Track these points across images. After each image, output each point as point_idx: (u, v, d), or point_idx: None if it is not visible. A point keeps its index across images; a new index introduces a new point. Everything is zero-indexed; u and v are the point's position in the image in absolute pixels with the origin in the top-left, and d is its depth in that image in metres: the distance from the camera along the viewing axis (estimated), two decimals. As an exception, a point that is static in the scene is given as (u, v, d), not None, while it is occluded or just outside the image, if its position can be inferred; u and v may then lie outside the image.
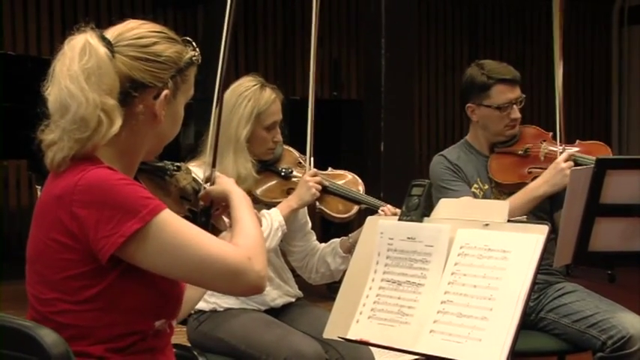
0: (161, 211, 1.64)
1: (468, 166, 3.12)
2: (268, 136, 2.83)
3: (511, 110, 3.07)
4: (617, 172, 2.31)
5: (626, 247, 2.39)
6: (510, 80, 3.07)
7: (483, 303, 1.84)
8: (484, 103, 3.08)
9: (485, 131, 3.13)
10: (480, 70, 3.10)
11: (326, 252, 2.91)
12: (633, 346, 2.72)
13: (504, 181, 3.05)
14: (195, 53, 1.79)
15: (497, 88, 3.06)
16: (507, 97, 3.06)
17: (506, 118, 3.07)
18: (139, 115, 1.71)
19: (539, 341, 2.98)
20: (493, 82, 3.06)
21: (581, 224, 2.32)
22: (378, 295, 2.01)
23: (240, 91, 2.81)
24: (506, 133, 3.10)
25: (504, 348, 1.78)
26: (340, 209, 2.87)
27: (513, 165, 3.07)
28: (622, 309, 2.85)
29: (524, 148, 3.08)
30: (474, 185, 3.09)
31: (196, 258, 1.65)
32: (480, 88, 3.08)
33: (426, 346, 1.87)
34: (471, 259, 1.91)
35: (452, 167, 3.10)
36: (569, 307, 2.94)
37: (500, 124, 3.09)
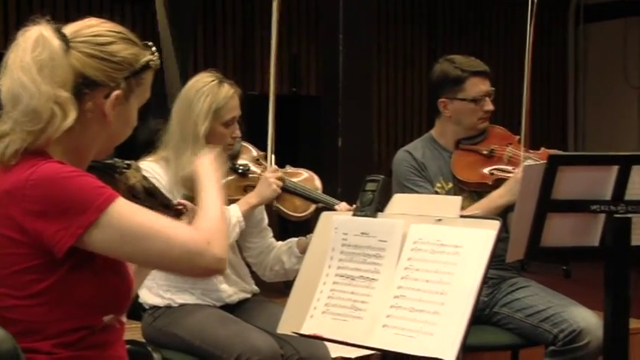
0: (115, 199, 1.65)
1: (432, 163, 3.13)
2: (227, 131, 2.82)
3: (484, 102, 3.11)
4: (569, 169, 2.34)
5: (577, 242, 2.42)
6: (483, 72, 3.13)
7: (435, 297, 1.86)
8: (458, 96, 3.10)
9: (458, 126, 3.14)
10: (452, 64, 3.13)
11: (282, 250, 2.91)
12: (583, 339, 2.76)
13: (465, 179, 3.06)
14: (153, 57, 1.79)
15: (472, 81, 3.10)
16: (481, 90, 3.10)
17: (480, 110, 3.10)
18: (88, 112, 1.71)
19: (493, 336, 3.01)
20: (467, 75, 3.10)
21: (534, 220, 2.34)
22: (332, 290, 2.02)
23: (198, 87, 2.80)
24: (478, 126, 3.13)
25: (455, 342, 1.80)
26: (297, 208, 2.87)
27: (476, 164, 3.09)
28: (574, 303, 2.89)
29: (490, 148, 3.10)
30: (437, 184, 3.10)
31: (154, 242, 1.66)
32: (454, 82, 3.11)
33: (379, 340, 1.89)
34: (423, 254, 1.93)
35: (417, 166, 3.11)
36: (522, 302, 2.97)
37: (474, 117, 3.11)
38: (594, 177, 2.36)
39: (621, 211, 2.34)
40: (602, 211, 2.36)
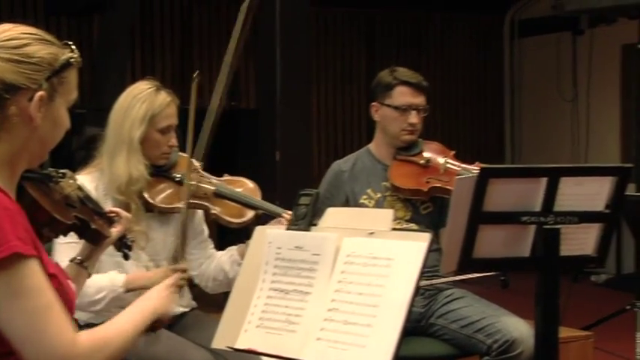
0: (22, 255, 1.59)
1: (362, 175, 3.16)
2: (163, 139, 2.80)
3: (409, 115, 3.13)
4: (499, 181, 2.37)
5: (508, 253, 2.45)
6: (414, 85, 3.17)
7: (368, 310, 1.88)
8: (386, 102, 3.17)
9: (385, 135, 3.19)
10: (390, 72, 3.21)
11: (223, 260, 2.90)
12: (517, 349, 2.81)
13: (403, 186, 3.10)
14: (73, 55, 1.76)
15: (399, 90, 3.15)
16: (407, 100, 3.14)
17: (404, 121, 3.13)
18: (13, 117, 1.67)
19: (429, 347, 3.05)
20: (396, 83, 3.16)
21: (466, 232, 2.37)
22: (266, 304, 2.02)
23: (135, 94, 2.78)
24: (402, 137, 3.15)
25: (387, 354, 1.81)
26: (234, 214, 2.86)
27: (413, 173, 3.14)
28: (507, 313, 2.93)
29: (426, 159, 3.15)
30: (363, 196, 3.13)
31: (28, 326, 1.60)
32: (385, 88, 3.18)
33: (312, 353, 1.89)
34: (356, 267, 1.95)
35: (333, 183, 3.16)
36: (457, 313, 3.01)
37: (397, 127, 3.15)
38: (524, 189, 2.39)
39: (550, 222, 2.38)
40: (533, 223, 2.39)
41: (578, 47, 8.23)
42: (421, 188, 3.07)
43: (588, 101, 8.20)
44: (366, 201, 3.12)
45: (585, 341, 3.87)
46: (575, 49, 8.26)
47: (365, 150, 3.27)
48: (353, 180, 3.17)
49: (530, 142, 8.93)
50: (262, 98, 5.27)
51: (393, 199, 3.12)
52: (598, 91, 8.09)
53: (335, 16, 8.32)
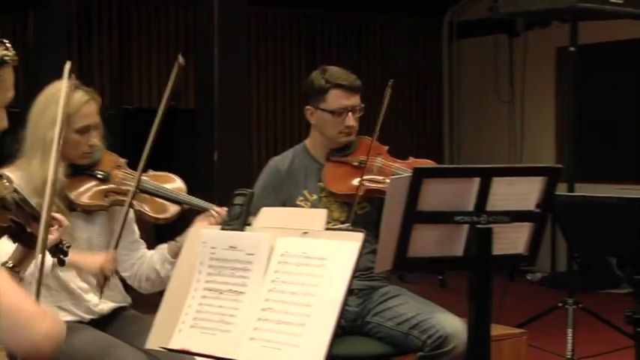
0: None
1: (299, 174, 3.16)
2: (81, 139, 2.75)
3: (346, 117, 3.10)
4: (433, 181, 2.40)
5: (442, 252, 2.49)
6: (347, 87, 3.11)
7: (301, 310, 1.89)
8: (320, 106, 3.12)
9: (322, 136, 3.17)
10: (322, 74, 3.14)
11: (154, 259, 2.88)
12: (450, 345, 2.84)
13: (337, 191, 3.10)
14: (7, 53, 1.73)
15: (333, 93, 3.10)
16: (342, 103, 3.10)
17: (341, 124, 3.10)
18: None
19: (366, 345, 3.06)
20: (330, 87, 3.10)
21: (400, 231, 2.40)
22: (200, 304, 2.02)
23: (51, 93, 2.71)
24: (340, 139, 3.13)
25: (320, 353, 1.83)
26: (160, 210, 2.84)
27: (347, 175, 3.11)
28: (441, 310, 2.97)
29: (359, 160, 3.12)
30: (299, 198, 3.13)
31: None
32: (318, 92, 3.12)
33: (246, 353, 1.90)
34: (290, 267, 1.96)
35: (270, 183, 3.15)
36: (393, 311, 3.03)
37: (334, 130, 3.12)
38: (457, 189, 2.43)
39: (483, 222, 2.42)
40: (466, 222, 2.43)
41: (514, 49, 8.35)
42: (354, 192, 3.04)
43: (525, 102, 8.32)
44: (302, 202, 3.13)
45: (519, 338, 3.93)
46: (511, 51, 8.38)
47: (302, 147, 3.25)
48: (290, 180, 3.17)
49: (469, 142, 9.04)
50: (200, 98, 5.25)
51: (329, 200, 3.12)
52: (534, 92, 8.22)
53: (275, 16, 8.32)
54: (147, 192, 2.81)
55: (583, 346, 4.44)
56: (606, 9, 4.42)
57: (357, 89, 3.15)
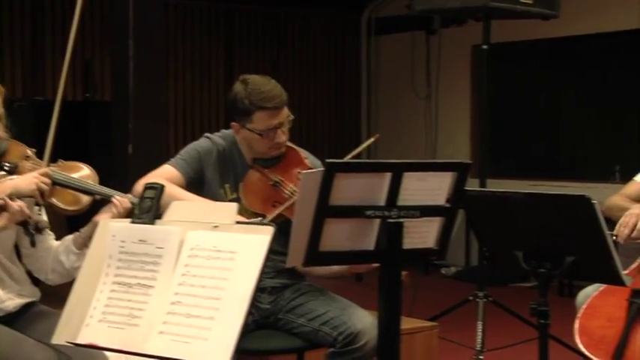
0: None
1: (229, 165, 3.11)
2: None
3: (275, 134, 3.02)
4: (345, 175, 2.41)
5: (354, 247, 2.50)
6: (272, 108, 2.99)
7: (211, 303, 1.89)
8: (247, 126, 3.02)
9: (250, 149, 3.09)
10: (244, 90, 3.00)
11: (59, 251, 2.82)
12: (361, 341, 2.87)
13: (249, 207, 3.02)
14: None
15: (259, 115, 2.99)
16: (270, 124, 3.00)
17: (271, 140, 3.03)
18: None
19: (279, 341, 3.07)
20: (255, 109, 2.98)
21: (312, 225, 2.40)
22: (109, 298, 2.01)
23: None
24: (271, 153, 3.07)
25: (229, 346, 1.83)
26: (70, 201, 2.79)
27: (262, 193, 3.04)
28: (352, 306, 3.00)
29: (275, 180, 3.04)
30: (220, 190, 3.09)
31: None
32: (242, 112, 3.01)
33: (155, 347, 1.89)
34: (200, 261, 1.96)
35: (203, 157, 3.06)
36: (304, 307, 3.04)
37: (264, 147, 3.05)
38: (369, 184, 2.45)
39: (394, 216, 2.44)
40: (377, 217, 2.45)
41: (431, 46, 8.46)
42: (265, 213, 2.97)
43: (441, 99, 8.45)
44: (222, 195, 3.09)
45: (430, 331, 4.00)
46: (428, 48, 8.49)
47: (233, 137, 3.14)
48: (220, 165, 3.09)
49: (386, 138, 9.12)
50: (115, 90, 5.18)
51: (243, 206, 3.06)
52: (450, 89, 8.35)
53: (193, 9, 8.25)
54: (56, 183, 2.76)
55: (492, 338, 4.54)
56: (517, 8, 4.53)
57: (283, 104, 3.02)
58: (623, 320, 2.93)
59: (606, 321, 2.99)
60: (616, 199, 3.44)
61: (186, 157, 3.09)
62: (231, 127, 3.10)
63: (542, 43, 7.57)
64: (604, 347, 2.94)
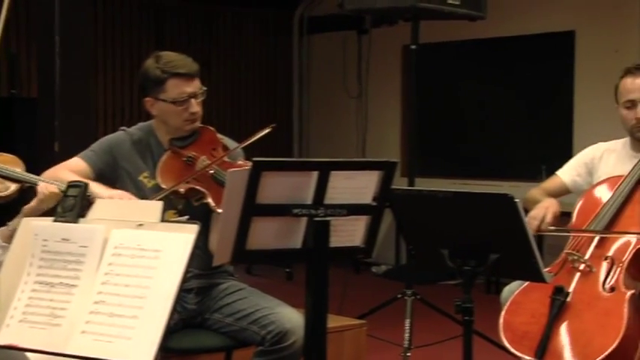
0: None
1: (146, 153, 3.08)
2: None
3: (189, 104, 3.01)
4: (272, 174, 2.42)
5: (281, 245, 2.50)
6: (185, 74, 3.00)
7: (135, 302, 1.87)
8: (160, 97, 3.01)
9: (166, 125, 3.08)
10: (156, 62, 3.02)
11: None
12: (289, 340, 2.87)
13: (161, 184, 3.00)
14: None
15: (172, 82, 2.98)
16: (184, 91, 2.99)
17: (185, 112, 3.02)
18: None
19: (206, 339, 3.06)
20: (167, 76, 2.98)
21: (239, 224, 2.40)
22: (30, 297, 1.98)
23: None
24: (185, 127, 3.05)
25: (153, 345, 1.81)
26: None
27: (176, 170, 3.02)
28: (281, 304, 2.99)
29: (189, 156, 3.02)
30: (144, 173, 3.06)
31: None
32: (155, 82, 3.01)
33: (77, 347, 1.87)
34: (124, 259, 1.94)
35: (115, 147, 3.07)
36: (232, 307, 3.03)
37: (178, 119, 3.03)
38: (296, 182, 2.45)
39: (321, 215, 2.45)
40: (304, 215, 2.46)
41: (362, 46, 8.50)
42: (178, 189, 2.95)
43: (372, 98, 8.50)
44: (145, 180, 3.06)
45: (359, 329, 4.03)
46: (360, 48, 8.54)
47: (150, 126, 3.14)
48: (138, 153, 3.07)
49: (318, 137, 9.16)
50: (42, 87, 5.09)
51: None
52: (381, 88, 8.41)
53: (122, 4, 8.16)
54: None
55: (420, 335, 4.59)
56: (444, 9, 4.59)
57: (196, 74, 3.04)
58: (546, 316, 2.97)
59: (530, 317, 3.04)
60: (534, 193, 3.52)
61: (97, 149, 3.10)
62: (145, 105, 3.09)
63: (471, 44, 7.69)
64: (527, 343, 2.98)
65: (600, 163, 3.46)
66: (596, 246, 3.10)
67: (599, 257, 3.07)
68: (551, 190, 3.54)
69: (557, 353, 2.91)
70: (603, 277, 3.02)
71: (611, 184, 3.27)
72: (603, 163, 3.45)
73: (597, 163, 3.46)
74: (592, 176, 3.47)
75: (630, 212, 3.15)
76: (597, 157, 3.47)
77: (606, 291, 2.98)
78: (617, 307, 2.92)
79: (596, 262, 3.07)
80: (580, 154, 3.56)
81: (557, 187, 3.54)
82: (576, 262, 3.07)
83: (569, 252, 3.11)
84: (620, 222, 3.14)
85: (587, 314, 2.96)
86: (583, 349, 2.88)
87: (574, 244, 3.16)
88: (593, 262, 3.07)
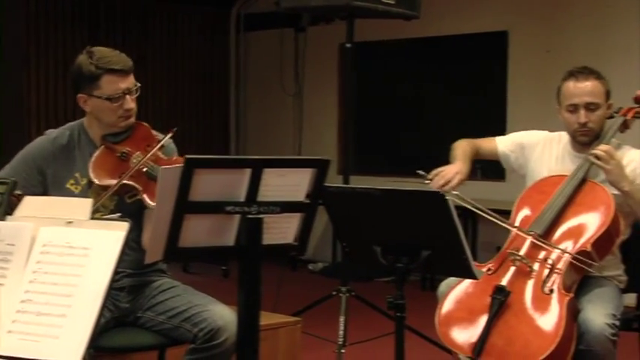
0: None
1: (74, 153, 3.04)
2: None
3: (123, 101, 2.99)
4: (205, 171, 2.41)
5: (214, 242, 2.50)
6: (120, 70, 2.97)
7: (63, 300, 1.85)
8: (94, 93, 2.97)
9: (100, 122, 3.04)
10: (90, 58, 2.98)
11: None
12: (221, 337, 2.86)
13: (95, 179, 2.96)
14: None
15: (106, 79, 2.95)
16: (119, 88, 2.97)
17: (119, 108, 2.99)
18: None
19: (139, 338, 3.03)
20: (102, 72, 2.95)
21: (172, 221, 2.39)
22: (-45, 298, 1.94)
23: None
24: (120, 124, 3.02)
25: (81, 344, 1.80)
26: None
27: (110, 165, 2.98)
28: (214, 302, 2.98)
29: (123, 151, 2.99)
30: (70, 181, 3.03)
31: None
32: (89, 79, 2.97)
33: (4, 347, 1.84)
34: (52, 257, 1.92)
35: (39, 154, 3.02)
36: (164, 305, 3.01)
37: (113, 115, 3.00)
38: (229, 179, 2.45)
39: (254, 212, 2.46)
40: (237, 212, 2.46)
41: (300, 44, 8.51)
42: (110, 184, 2.92)
43: (309, 96, 8.52)
44: (73, 187, 3.02)
45: (294, 326, 4.03)
46: (297, 46, 8.54)
47: (80, 125, 3.10)
48: (64, 159, 3.03)
49: (255, 135, 9.14)
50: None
51: (99, 188, 3.01)
52: (318, 86, 8.43)
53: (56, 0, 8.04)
54: None
55: (355, 332, 4.61)
56: (379, 8, 4.62)
57: (130, 70, 3.01)
58: (484, 313, 2.99)
59: (468, 313, 3.06)
60: (464, 144, 3.57)
61: (15, 163, 3.04)
62: (78, 101, 3.05)
63: (408, 43, 7.75)
64: (464, 339, 3.00)
65: (536, 151, 3.48)
66: (536, 246, 3.12)
67: (540, 259, 3.10)
68: (483, 149, 3.57)
69: (494, 353, 2.93)
70: (543, 278, 3.05)
71: (553, 183, 3.29)
72: (539, 152, 3.47)
73: (534, 150, 3.48)
74: (526, 160, 3.49)
75: (571, 215, 3.19)
76: (537, 145, 3.48)
77: (546, 293, 3.01)
78: (555, 309, 2.95)
79: (536, 262, 3.09)
80: (524, 134, 3.57)
81: (489, 150, 3.59)
82: (517, 261, 3.09)
83: (511, 251, 3.13)
84: (561, 224, 3.18)
85: (527, 315, 2.98)
86: (522, 349, 2.91)
87: (514, 242, 3.18)
88: (534, 262, 3.09)
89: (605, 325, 2.94)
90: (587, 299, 3.08)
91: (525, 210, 3.30)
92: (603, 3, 6.66)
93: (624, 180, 3.18)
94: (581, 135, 3.34)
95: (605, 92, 3.34)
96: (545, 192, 3.29)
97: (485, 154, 3.56)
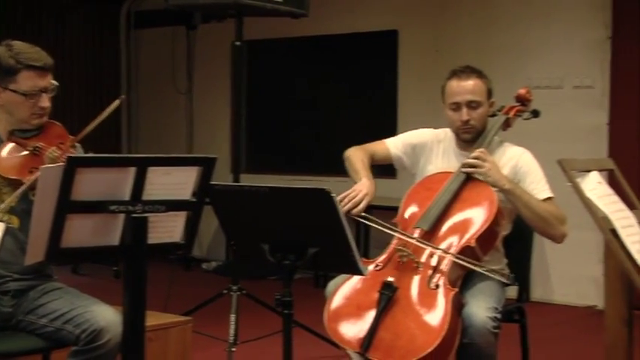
0: None
1: None
2: None
3: (39, 98, 2.94)
4: (88, 170, 2.37)
5: (98, 242, 2.46)
6: (40, 67, 2.94)
7: None
8: (10, 87, 2.92)
9: (11, 116, 2.97)
10: (9, 51, 2.92)
11: None
12: (104, 338, 2.81)
13: (4, 174, 2.91)
14: None
15: (25, 74, 2.91)
16: (36, 84, 2.93)
17: (34, 106, 2.94)
18: None
19: (21, 342, 2.96)
20: (21, 67, 2.91)
21: (53, 221, 2.34)
22: None
23: None
24: (32, 121, 2.96)
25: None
26: None
27: (19, 158, 2.93)
28: (97, 303, 2.93)
29: (35, 146, 2.94)
30: None
31: None
32: (7, 72, 2.91)
33: None
34: None
35: None
36: (47, 307, 2.95)
37: (26, 112, 2.95)
38: (113, 178, 2.42)
39: (139, 211, 2.43)
40: (121, 211, 2.43)
41: (192, 42, 8.45)
42: (21, 179, 2.88)
43: (201, 94, 8.46)
44: None
45: (184, 326, 4.00)
46: (189, 43, 8.48)
47: None
48: None
49: (147, 134, 9.03)
50: None
51: (2, 182, 2.93)
52: (210, 84, 8.38)
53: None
54: None
55: (246, 331, 4.61)
56: (267, 6, 4.63)
57: (50, 68, 2.99)
58: (372, 309, 3.02)
59: (356, 309, 3.08)
60: (358, 154, 3.48)
61: None
62: None
63: (300, 42, 7.78)
64: (352, 335, 3.02)
65: (425, 150, 3.53)
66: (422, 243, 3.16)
67: (426, 255, 3.14)
68: (377, 154, 3.56)
69: (382, 348, 2.96)
70: (429, 273, 3.10)
71: (439, 180, 3.34)
72: (428, 151, 3.52)
73: (424, 149, 3.53)
74: (417, 159, 3.54)
75: (456, 210, 3.25)
76: (426, 144, 3.53)
77: (432, 288, 3.05)
78: (441, 304, 3.00)
79: (422, 258, 3.14)
80: (413, 134, 3.60)
81: (382, 155, 3.58)
82: (404, 257, 3.13)
83: (398, 247, 3.17)
84: (447, 220, 3.23)
85: (413, 310, 3.02)
86: (408, 344, 2.94)
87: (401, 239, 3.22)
88: (420, 258, 3.14)
89: (487, 318, 3.02)
90: (470, 294, 3.15)
91: (412, 206, 3.35)
92: (489, 3, 6.83)
93: (502, 179, 3.27)
94: (464, 132, 3.42)
95: (486, 91, 3.43)
96: (431, 188, 3.34)
97: (380, 159, 3.58)
